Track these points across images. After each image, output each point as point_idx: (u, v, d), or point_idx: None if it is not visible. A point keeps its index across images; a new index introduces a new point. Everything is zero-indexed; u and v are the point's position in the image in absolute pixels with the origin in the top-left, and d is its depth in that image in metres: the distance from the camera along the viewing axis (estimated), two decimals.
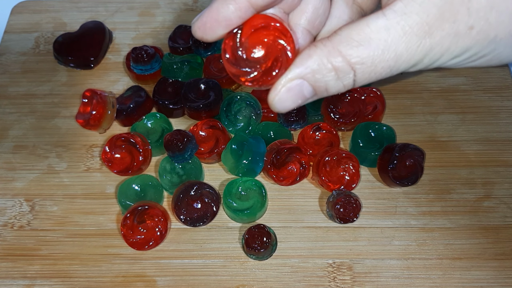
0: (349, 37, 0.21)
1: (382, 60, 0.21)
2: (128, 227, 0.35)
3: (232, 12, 0.22)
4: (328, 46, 0.21)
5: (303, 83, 0.22)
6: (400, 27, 0.21)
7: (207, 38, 0.23)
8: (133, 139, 0.38)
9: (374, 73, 0.21)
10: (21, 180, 0.40)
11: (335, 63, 0.21)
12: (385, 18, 0.21)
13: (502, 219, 0.37)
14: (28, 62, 0.45)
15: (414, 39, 0.21)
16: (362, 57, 0.21)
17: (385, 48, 0.21)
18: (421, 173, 0.38)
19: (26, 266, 0.36)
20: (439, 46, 0.21)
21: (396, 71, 0.22)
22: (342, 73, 0.21)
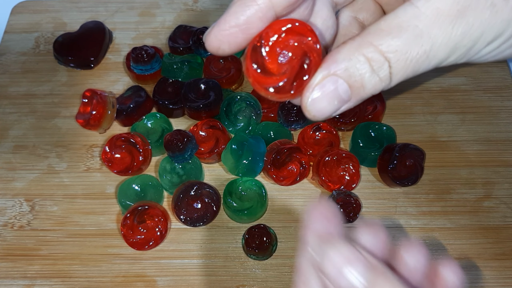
0: (378, 29, 0.20)
1: (416, 45, 0.19)
2: (128, 227, 0.35)
3: (253, 14, 0.20)
4: (357, 40, 0.20)
5: (337, 80, 0.20)
6: (430, 11, 0.19)
7: (224, 49, 0.21)
8: (133, 139, 0.38)
9: (410, 61, 0.20)
10: (21, 180, 0.39)
11: (367, 54, 0.20)
12: (413, 6, 0.20)
13: (502, 219, 0.37)
14: (28, 62, 0.45)
15: (448, 20, 0.19)
16: (394, 45, 0.19)
17: (418, 34, 0.19)
18: (421, 173, 0.38)
19: (26, 266, 0.36)
20: (478, 21, 0.20)
21: (434, 58, 0.20)
22: (376, 64, 0.20)
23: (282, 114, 0.39)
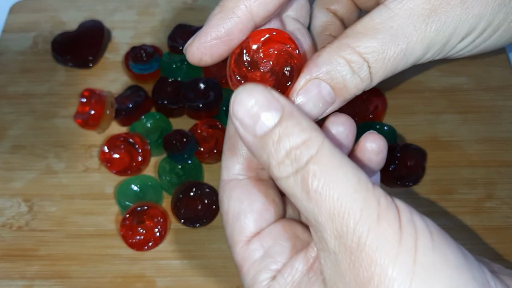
0: (355, 32, 0.20)
1: (392, 45, 0.20)
2: (127, 227, 0.35)
3: (234, 25, 0.20)
4: (336, 43, 0.20)
5: (320, 83, 0.20)
6: (403, 12, 0.20)
7: (206, 60, 0.21)
8: (132, 139, 0.38)
9: (388, 60, 0.20)
10: (20, 180, 0.39)
11: (346, 56, 0.20)
12: (387, 8, 0.20)
13: (503, 219, 0.36)
14: (26, 61, 0.45)
15: (421, 19, 0.20)
16: (371, 46, 0.20)
17: (394, 34, 0.20)
18: (422, 173, 0.37)
19: (25, 267, 0.36)
20: (450, 18, 0.20)
21: (411, 55, 0.21)
22: (356, 65, 0.20)
23: None
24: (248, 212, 0.21)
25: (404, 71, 0.22)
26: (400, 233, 0.16)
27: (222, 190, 0.22)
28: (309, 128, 0.17)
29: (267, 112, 0.17)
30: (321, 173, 0.16)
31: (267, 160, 0.18)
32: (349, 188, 0.16)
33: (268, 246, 0.20)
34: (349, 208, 0.16)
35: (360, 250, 0.16)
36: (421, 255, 0.15)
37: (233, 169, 0.22)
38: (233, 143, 0.22)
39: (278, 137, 0.17)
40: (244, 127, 0.18)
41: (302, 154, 0.17)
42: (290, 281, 0.19)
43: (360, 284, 0.16)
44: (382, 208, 0.16)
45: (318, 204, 0.16)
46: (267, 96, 0.18)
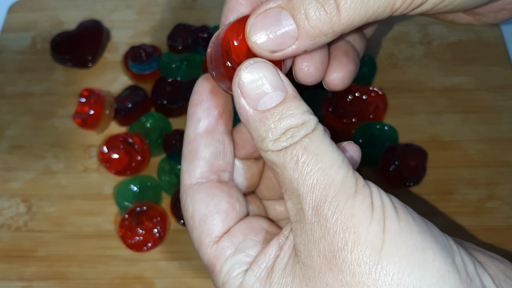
0: None
1: None
2: (126, 228, 0.35)
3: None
4: None
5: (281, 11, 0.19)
6: None
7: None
8: (131, 139, 0.38)
9: None
10: (18, 180, 0.39)
11: None
12: None
13: (505, 220, 0.36)
14: (25, 61, 0.45)
15: None
16: None
17: None
18: (423, 173, 0.37)
19: (23, 268, 0.35)
20: None
21: None
22: None
23: None
24: (215, 213, 0.21)
25: (405, 70, 0.21)
26: (372, 207, 0.17)
27: (185, 195, 0.22)
28: (308, 112, 0.19)
29: (274, 90, 0.18)
30: (312, 148, 0.18)
31: (263, 133, 0.18)
32: (334, 163, 0.18)
33: (238, 242, 0.20)
34: (331, 180, 0.17)
35: (336, 218, 0.17)
36: (389, 224, 0.17)
37: (195, 173, 0.22)
38: (194, 147, 0.22)
39: (280, 115, 0.18)
40: (247, 99, 0.18)
41: (299, 132, 0.18)
42: (265, 267, 0.19)
43: (333, 251, 0.17)
44: (360, 186, 0.18)
45: (303, 175, 0.18)
46: (275, 74, 0.19)
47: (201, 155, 0.22)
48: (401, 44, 0.44)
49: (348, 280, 0.16)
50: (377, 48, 0.44)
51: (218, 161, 0.22)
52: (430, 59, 0.43)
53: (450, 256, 0.17)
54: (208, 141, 0.22)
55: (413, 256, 0.16)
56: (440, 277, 0.16)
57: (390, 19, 0.46)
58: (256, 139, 0.19)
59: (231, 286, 0.19)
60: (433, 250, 0.17)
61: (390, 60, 0.44)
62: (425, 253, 0.17)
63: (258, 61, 0.19)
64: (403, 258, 0.16)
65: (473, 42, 0.44)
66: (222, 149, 0.22)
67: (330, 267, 0.17)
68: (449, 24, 0.45)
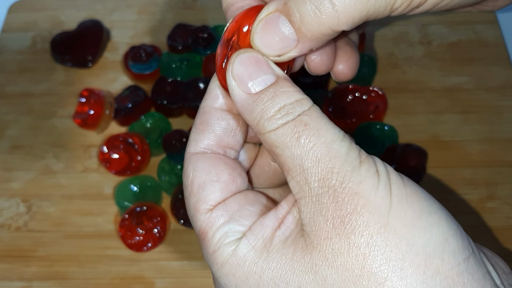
0: None
1: None
2: (126, 228, 0.35)
3: None
4: None
5: (279, 16, 0.19)
6: None
7: None
8: (132, 139, 0.38)
9: None
10: (18, 180, 0.39)
11: None
12: None
13: (505, 220, 0.36)
14: (25, 61, 0.45)
15: None
16: None
17: None
18: (423, 173, 0.37)
19: (23, 268, 0.35)
20: None
21: None
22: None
23: None
24: (215, 181, 0.21)
25: (405, 70, 0.21)
26: (377, 174, 0.17)
27: (188, 161, 0.22)
28: (300, 92, 0.19)
29: (265, 74, 0.19)
30: (313, 123, 0.18)
31: (258, 115, 0.19)
32: (337, 138, 0.18)
33: (233, 211, 0.20)
34: (336, 153, 0.18)
35: (344, 186, 0.17)
36: (395, 189, 0.17)
37: (202, 143, 0.22)
38: (207, 118, 0.22)
39: (273, 94, 0.18)
40: (240, 84, 0.19)
41: (295, 109, 0.18)
42: (261, 237, 0.19)
43: (342, 216, 0.17)
44: (363, 156, 0.18)
45: (307, 149, 0.18)
46: (266, 61, 0.19)
47: (212, 127, 0.22)
48: (401, 44, 0.44)
49: (357, 241, 0.17)
50: (377, 48, 0.44)
51: (228, 138, 0.22)
52: (430, 59, 0.43)
53: (454, 223, 0.18)
54: (222, 116, 0.22)
55: (420, 219, 0.17)
56: (445, 240, 0.17)
57: (389, 19, 0.46)
58: (253, 123, 0.19)
59: (222, 253, 0.19)
60: (439, 215, 0.17)
61: (390, 60, 0.44)
62: (431, 217, 0.17)
63: (248, 50, 0.19)
64: (410, 220, 0.17)
65: (473, 42, 0.44)
66: (234, 127, 0.22)
67: (337, 232, 0.17)
68: (449, 24, 0.45)
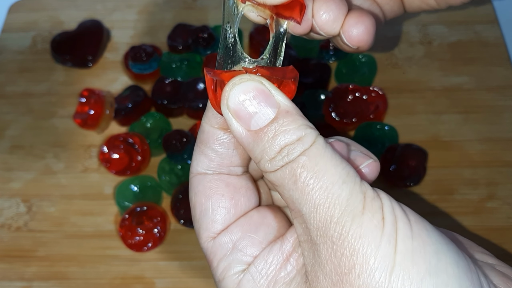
0: None
1: None
2: (127, 228, 0.35)
3: None
4: None
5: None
6: None
7: None
8: (132, 139, 0.38)
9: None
10: (18, 180, 0.39)
11: None
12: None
13: (505, 220, 0.36)
14: (25, 61, 0.45)
15: None
16: None
17: None
18: (423, 174, 0.37)
19: (23, 268, 0.35)
20: None
21: None
22: None
23: None
24: (216, 208, 0.20)
25: (405, 70, 0.21)
26: (382, 223, 0.16)
27: (190, 183, 0.21)
28: (304, 126, 0.17)
29: (264, 108, 0.17)
30: (311, 164, 0.16)
31: (259, 155, 0.17)
32: (338, 179, 0.16)
33: (236, 239, 0.19)
34: (335, 199, 0.16)
35: (343, 239, 0.16)
36: (401, 244, 0.16)
37: (203, 164, 0.21)
38: (207, 138, 0.20)
39: (274, 134, 0.17)
40: (238, 121, 0.18)
41: (295, 149, 0.17)
42: (265, 275, 0.18)
43: (341, 274, 0.16)
44: (368, 200, 0.16)
45: (304, 194, 0.16)
46: (264, 91, 0.17)
47: (212, 147, 0.20)
48: (401, 44, 0.44)
49: None
50: (378, 48, 0.44)
51: (230, 156, 0.20)
52: (430, 59, 0.43)
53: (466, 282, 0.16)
54: (221, 135, 0.20)
55: (424, 282, 0.15)
56: None
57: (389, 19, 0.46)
58: (254, 160, 0.18)
59: (227, 285, 0.19)
60: (448, 275, 0.16)
61: (390, 60, 0.44)
62: (438, 278, 0.15)
63: (243, 79, 0.17)
64: (413, 283, 0.15)
65: (473, 42, 0.44)
66: (236, 144, 0.20)
67: None
68: (450, 24, 0.45)
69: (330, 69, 0.42)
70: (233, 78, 0.18)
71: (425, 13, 0.46)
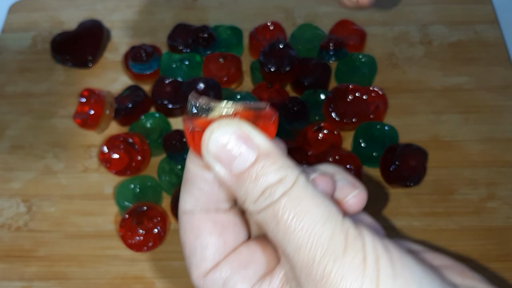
0: None
1: None
2: (127, 228, 0.35)
3: None
4: None
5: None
6: None
7: None
8: (132, 139, 0.38)
9: None
10: (18, 180, 0.39)
11: None
12: None
13: (505, 220, 0.36)
14: (25, 61, 0.45)
15: None
16: None
17: None
18: (423, 174, 0.37)
19: (23, 268, 0.35)
20: None
21: None
22: None
23: (283, 113, 0.39)
24: (204, 247, 0.20)
25: (405, 70, 0.20)
26: (364, 263, 0.16)
27: (179, 221, 0.21)
28: (284, 166, 0.17)
29: (245, 151, 0.17)
30: (292, 205, 0.17)
31: (243, 196, 0.18)
32: (319, 220, 0.16)
33: (226, 276, 0.20)
34: (316, 240, 0.16)
35: (325, 280, 0.16)
36: (383, 284, 0.16)
37: (190, 202, 0.21)
38: (191, 177, 0.20)
39: (256, 176, 0.17)
40: (220, 164, 0.18)
41: (277, 190, 0.17)
42: None
43: None
44: (350, 239, 0.16)
45: (287, 235, 0.17)
46: (243, 134, 0.18)
47: (197, 185, 0.20)
48: (401, 44, 0.44)
49: None
50: (378, 48, 0.44)
51: (216, 193, 0.20)
52: (430, 59, 0.43)
53: None
54: (204, 174, 0.20)
55: None
56: None
57: (390, 19, 0.46)
58: (239, 200, 0.18)
59: None
60: None
61: (390, 60, 0.44)
62: None
63: (222, 124, 0.18)
64: None
65: (473, 42, 0.44)
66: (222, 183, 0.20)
67: None
68: (450, 24, 0.45)
69: (330, 69, 0.42)
70: (211, 123, 0.18)
71: (425, 13, 0.46)
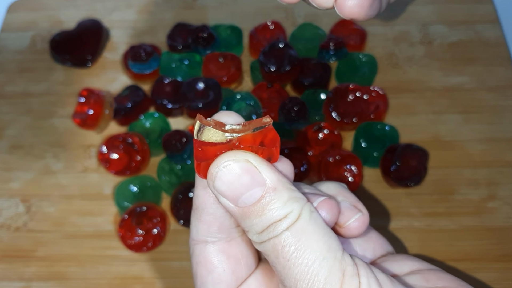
0: None
1: None
2: (126, 228, 0.35)
3: None
4: None
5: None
6: None
7: None
8: (131, 139, 0.38)
9: None
10: (18, 180, 0.39)
11: None
12: None
13: (505, 220, 0.36)
14: (24, 60, 0.45)
15: None
16: None
17: None
18: (424, 174, 0.37)
19: (23, 268, 0.35)
20: None
21: None
22: None
23: (283, 113, 0.39)
24: (217, 284, 0.21)
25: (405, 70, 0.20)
26: None
27: (191, 251, 0.21)
28: (290, 201, 0.18)
29: (251, 188, 0.18)
30: (293, 240, 0.17)
31: (248, 227, 0.18)
32: (318, 255, 0.17)
33: None
34: (314, 276, 0.17)
35: None
36: None
37: (204, 230, 0.21)
38: (202, 204, 0.21)
39: (262, 212, 0.18)
40: (227, 199, 0.18)
41: (281, 225, 0.17)
42: None
43: None
44: (346, 278, 0.17)
45: (286, 269, 0.17)
46: (250, 169, 0.18)
47: (209, 212, 0.20)
48: (401, 44, 0.44)
49: None
50: (378, 48, 0.44)
51: (229, 219, 0.20)
52: (430, 59, 0.43)
53: None
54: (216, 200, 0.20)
55: None
56: None
57: (390, 19, 0.46)
58: (244, 229, 0.19)
59: None
60: None
61: (390, 60, 0.43)
62: None
63: (228, 157, 0.18)
64: None
65: (474, 42, 0.44)
66: None
67: None
68: (450, 24, 0.45)
69: (330, 69, 0.42)
70: (217, 158, 0.18)
71: (425, 13, 0.46)
